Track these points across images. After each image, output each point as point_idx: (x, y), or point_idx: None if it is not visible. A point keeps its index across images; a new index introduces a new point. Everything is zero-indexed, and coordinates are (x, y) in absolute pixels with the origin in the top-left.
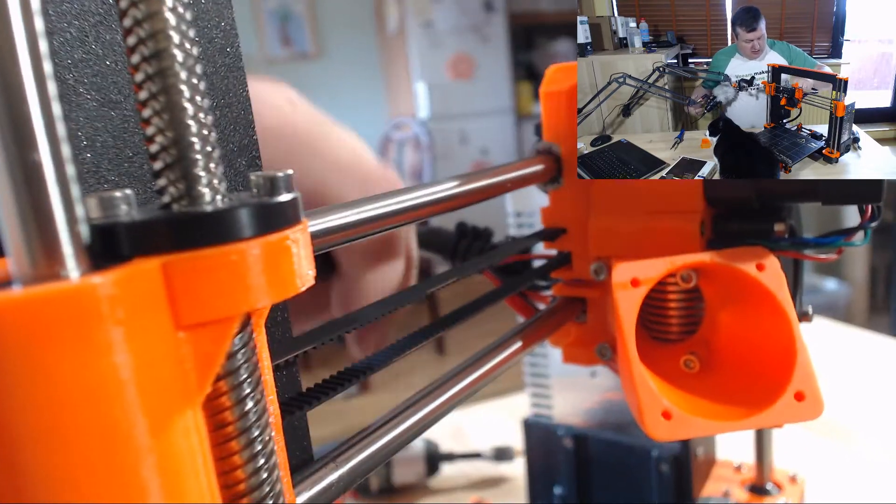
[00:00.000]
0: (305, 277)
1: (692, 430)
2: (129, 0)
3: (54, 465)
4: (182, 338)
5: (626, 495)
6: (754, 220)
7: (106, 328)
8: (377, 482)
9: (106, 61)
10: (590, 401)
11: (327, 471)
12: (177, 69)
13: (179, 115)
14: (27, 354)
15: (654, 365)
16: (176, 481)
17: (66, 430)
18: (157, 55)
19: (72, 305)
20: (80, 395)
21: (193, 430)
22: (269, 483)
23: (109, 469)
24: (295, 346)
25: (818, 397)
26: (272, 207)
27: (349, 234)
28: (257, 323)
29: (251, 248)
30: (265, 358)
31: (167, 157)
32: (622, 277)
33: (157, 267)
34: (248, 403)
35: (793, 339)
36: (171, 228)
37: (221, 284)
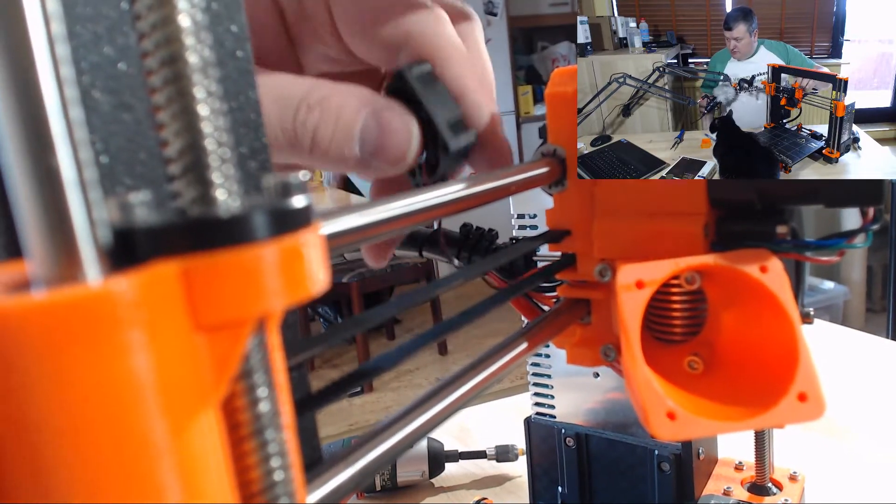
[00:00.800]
0: (318, 280)
1: (697, 430)
2: (143, 4)
3: (75, 465)
4: (199, 339)
5: (628, 494)
6: (757, 223)
7: (125, 330)
8: (381, 481)
9: (119, 65)
10: (592, 401)
11: (337, 470)
12: (192, 73)
13: (194, 120)
14: (48, 357)
15: (657, 366)
16: (193, 480)
17: (87, 431)
18: (171, 60)
19: (92, 309)
20: (100, 396)
21: (210, 431)
22: (283, 483)
23: (129, 468)
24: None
25: (820, 398)
26: (286, 210)
27: (357, 236)
28: (272, 325)
29: (266, 250)
30: (279, 359)
31: (183, 161)
32: (627, 279)
33: (174, 269)
34: (264, 404)
35: (795, 341)
36: (188, 231)
37: (237, 286)
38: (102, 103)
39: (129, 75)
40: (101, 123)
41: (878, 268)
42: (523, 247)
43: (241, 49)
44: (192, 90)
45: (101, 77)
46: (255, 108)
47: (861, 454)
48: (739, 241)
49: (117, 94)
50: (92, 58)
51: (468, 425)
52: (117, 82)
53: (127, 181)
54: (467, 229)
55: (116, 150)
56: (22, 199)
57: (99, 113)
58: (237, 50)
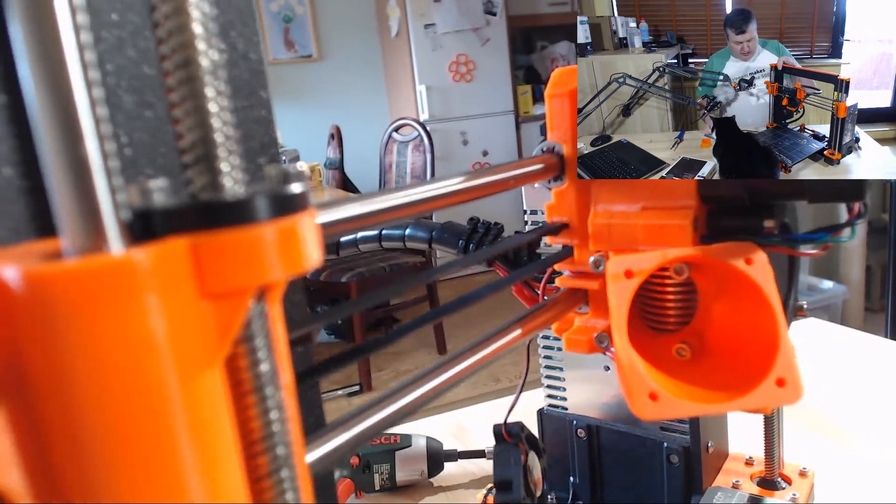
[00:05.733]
0: (312, 257)
1: (677, 411)
2: (161, 13)
3: (100, 410)
4: (205, 305)
5: (638, 485)
6: (746, 217)
7: (142, 293)
8: (380, 481)
9: (142, 67)
10: (603, 393)
11: (336, 434)
12: (203, 75)
13: (205, 117)
14: (78, 313)
15: (648, 352)
16: (200, 424)
17: (109, 381)
18: (185, 63)
19: (115, 273)
20: (121, 350)
21: (214, 384)
22: (281, 434)
23: (145, 413)
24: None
25: (798, 384)
26: (284, 196)
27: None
28: (272, 297)
29: (265, 230)
30: (280, 328)
31: (194, 153)
32: (616, 269)
33: (185, 244)
34: (264, 365)
35: (777, 330)
36: (197, 212)
37: (239, 260)
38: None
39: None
40: (125, 120)
41: (877, 267)
42: (523, 237)
43: (253, 52)
44: (204, 90)
45: (125, 78)
46: (266, 105)
47: (859, 453)
48: (729, 234)
49: (139, 94)
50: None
51: (466, 425)
52: (140, 82)
53: (149, 171)
54: (475, 222)
55: (139, 143)
56: (57, 184)
57: (124, 110)
58: (250, 52)
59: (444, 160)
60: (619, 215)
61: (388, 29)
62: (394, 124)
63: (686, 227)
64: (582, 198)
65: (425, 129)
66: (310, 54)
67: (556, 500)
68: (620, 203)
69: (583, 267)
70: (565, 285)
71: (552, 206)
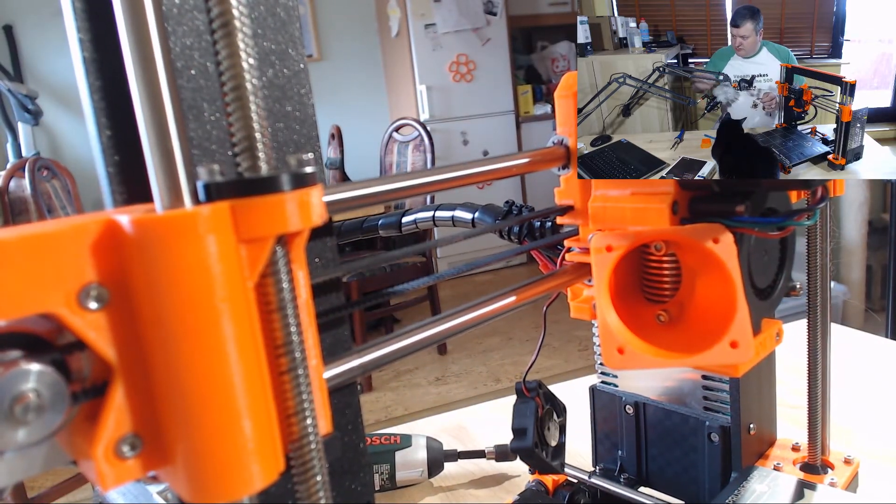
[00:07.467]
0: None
1: (640, 363)
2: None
3: (176, 307)
4: (242, 247)
5: (681, 461)
6: (720, 202)
7: (203, 235)
8: (381, 481)
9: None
10: (651, 372)
11: (351, 358)
12: (247, 95)
13: (249, 122)
14: (164, 246)
15: (633, 318)
16: (238, 322)
17: (183, 289)
18: (236, 88)
19: (187, 221)
20: (191, 269)
21: (247, 300)
22: (299, 343)
23: (204, 312)
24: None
25: (749, 346)
26: (299, 175)
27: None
28: (294, 245)
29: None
30: (301, 267)
31: (241, 146)
32: (599, 244)
33: (227, 206)
34: (285, 291)
35: (735, 299)
36: (239, 186)
37: (261, 216)
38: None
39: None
40: (196, 123)
41: (877, 267)
42: (535, 215)
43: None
44: (248, 104)
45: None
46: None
47: (860, 453)
48: (705, 217)
49: (205, 96)
50: (190, 71)
51: (466, 425)
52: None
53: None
54: (510, 203)
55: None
56: (153, 165)
57: (195, 110)
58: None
59: (444, 160)
60: (612, 199)
61: (389, 29)
62: (394, 124)
63: (664, 210)
64: (584, 184)
65: (426, 128)
66: (310, 54)
67: (603, 470)
68: (614, 189)
69: (586, 243)
70: (571, 259)
71: (561, 191)
